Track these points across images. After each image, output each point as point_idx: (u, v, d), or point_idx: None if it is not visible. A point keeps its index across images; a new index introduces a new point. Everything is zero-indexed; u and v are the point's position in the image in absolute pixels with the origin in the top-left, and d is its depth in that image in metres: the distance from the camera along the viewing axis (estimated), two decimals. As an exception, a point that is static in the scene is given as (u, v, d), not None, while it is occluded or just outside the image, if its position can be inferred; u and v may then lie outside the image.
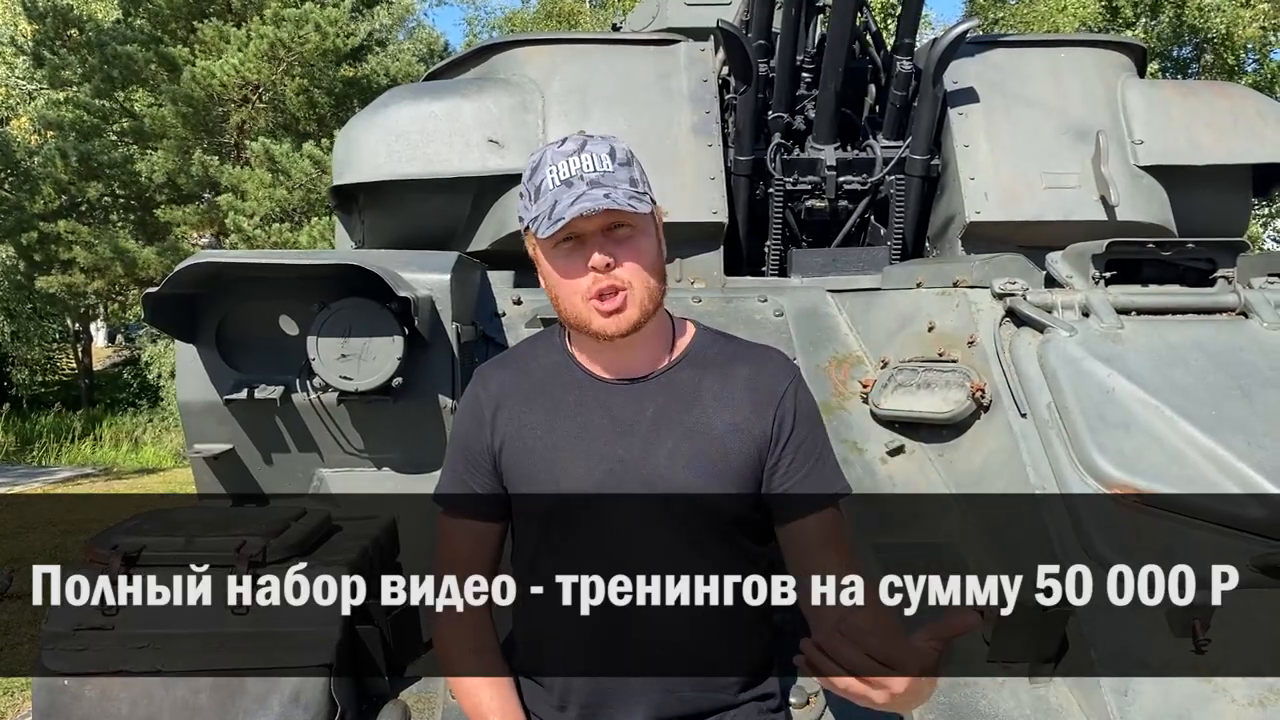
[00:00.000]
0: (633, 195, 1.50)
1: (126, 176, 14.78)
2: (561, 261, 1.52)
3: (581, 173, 1.49)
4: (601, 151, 1.51)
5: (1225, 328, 2.57)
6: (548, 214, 1.48)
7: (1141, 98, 3.49)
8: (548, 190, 1.50)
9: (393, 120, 3.37)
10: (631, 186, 1.51)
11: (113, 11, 16.61)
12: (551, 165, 1.51)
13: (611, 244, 1.50)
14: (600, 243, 1.49)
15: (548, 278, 1.57)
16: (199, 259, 2.27)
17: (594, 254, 1.49)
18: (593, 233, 1.49)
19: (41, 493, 12.05)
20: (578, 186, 1.47)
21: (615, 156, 1.52)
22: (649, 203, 1.53)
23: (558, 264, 1.53)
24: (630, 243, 1.51)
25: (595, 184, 1.48)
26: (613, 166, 1.51)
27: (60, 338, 24.31)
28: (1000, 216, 3.30)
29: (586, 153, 1.51)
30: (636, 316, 1.52)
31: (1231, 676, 1.98)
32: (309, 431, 2.43)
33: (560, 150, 1.52)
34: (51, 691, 1.74)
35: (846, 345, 2.89)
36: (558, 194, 1.48)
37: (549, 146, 1.55)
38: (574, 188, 1.48)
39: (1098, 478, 2.26)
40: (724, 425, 1.58)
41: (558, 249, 1.52)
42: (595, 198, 1.46)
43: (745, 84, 3.29)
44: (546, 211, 1.49)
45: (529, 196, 1.55)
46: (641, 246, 1.53)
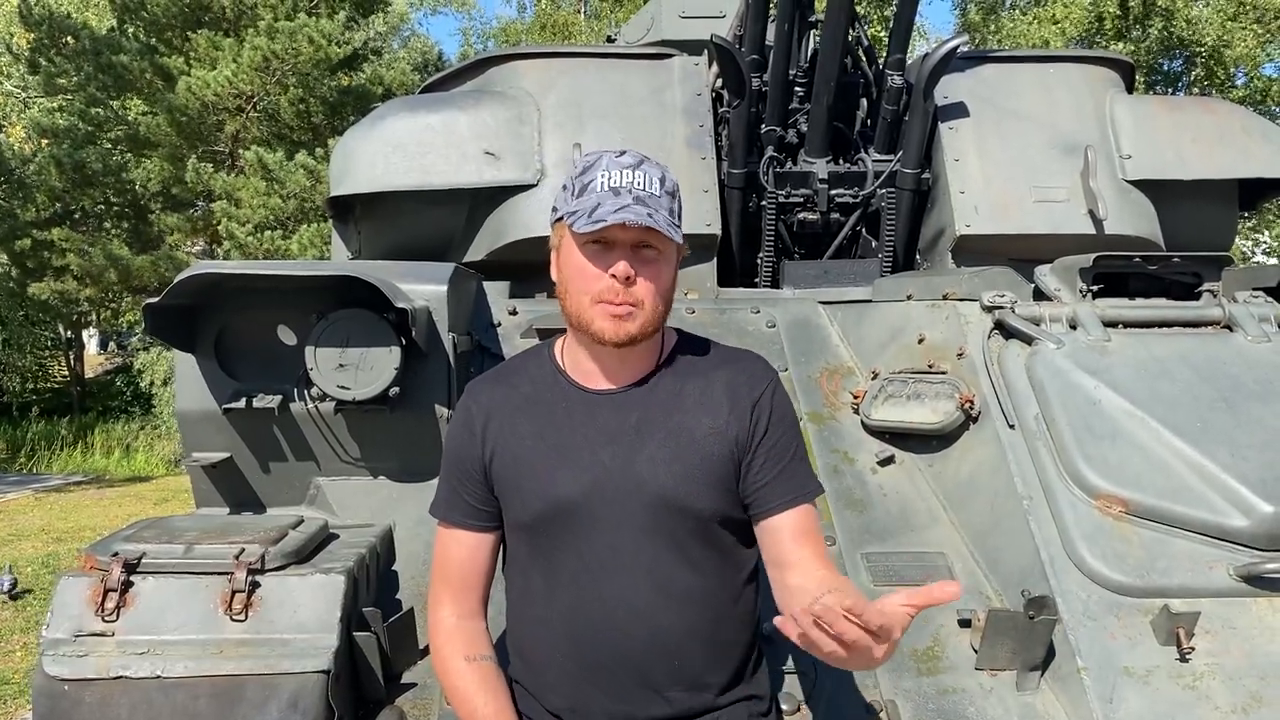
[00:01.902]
0: (671, 223, 1.58)
1: (120, 184, 14.78)
2: (585, 259, 1.58)
3: (631, 187, 1.56)
4: (654, 175, 1.60)
5: (1210, 341, 2.61)
6: (589, 212, 1.54)
7: (1129, 113, 3.53)
8: (594, 191, 1.56)
9: (390, 132, 3.39)
10: (670, 215, 1.59)
11: (108, 20, 16.59)
12: (605, 171, 1.58)
13: (637, 261, 1.57)
14: (628, 255, 1.56)
15: (564, 269, 1.62)
16: (199, 269, 2.29)
17: (620, 263, 1.55)
18: (624, 244, 1.56)
19: (34, 499, 12.02)
20: (624, 198, 1.54)
21: (664, 184, 1.60)
22: (680, 235, 1.60)
23: (580, 260, 1.58)
24: (653, 265, 1.58)
25: (640, 200, 1.55)
26: (660, 192, 1.59)
27: (52, 345, 24.23)
28: (990, 230, 3.33)
29: (641, 170, 1.58)
30: (635, 332, 1.58)
31: (1215, 683, 2.02)
32: (306, 440, 2.45)
33: (617, 160, 1.59)
34: (51, 697, 1.76)
35: (838, 356, 2.93)
36: (603, 197, 1.55)
37: (606, 153, 1.62)
38: (620, 197, 1.54)
39: (1084, 488, 2.29)
40: (705, 429, 1.63)
41: (586, 247, 1.57)
42: (639, 212, 1.53)
43: (739, 98, 3.33)
44: (588, 210, 1.55)
45: (572, 190, 1.61)
46: (661, 271, 1.60)
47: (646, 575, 1.59)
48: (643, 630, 1.59)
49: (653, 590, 1.59)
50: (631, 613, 1.59)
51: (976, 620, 2.17)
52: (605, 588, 1.59)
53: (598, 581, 1.60)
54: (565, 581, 1.62)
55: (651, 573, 1.59)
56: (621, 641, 1.59)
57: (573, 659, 1.62)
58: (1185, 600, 2.12)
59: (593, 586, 1.60)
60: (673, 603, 1.60)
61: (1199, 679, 2.02)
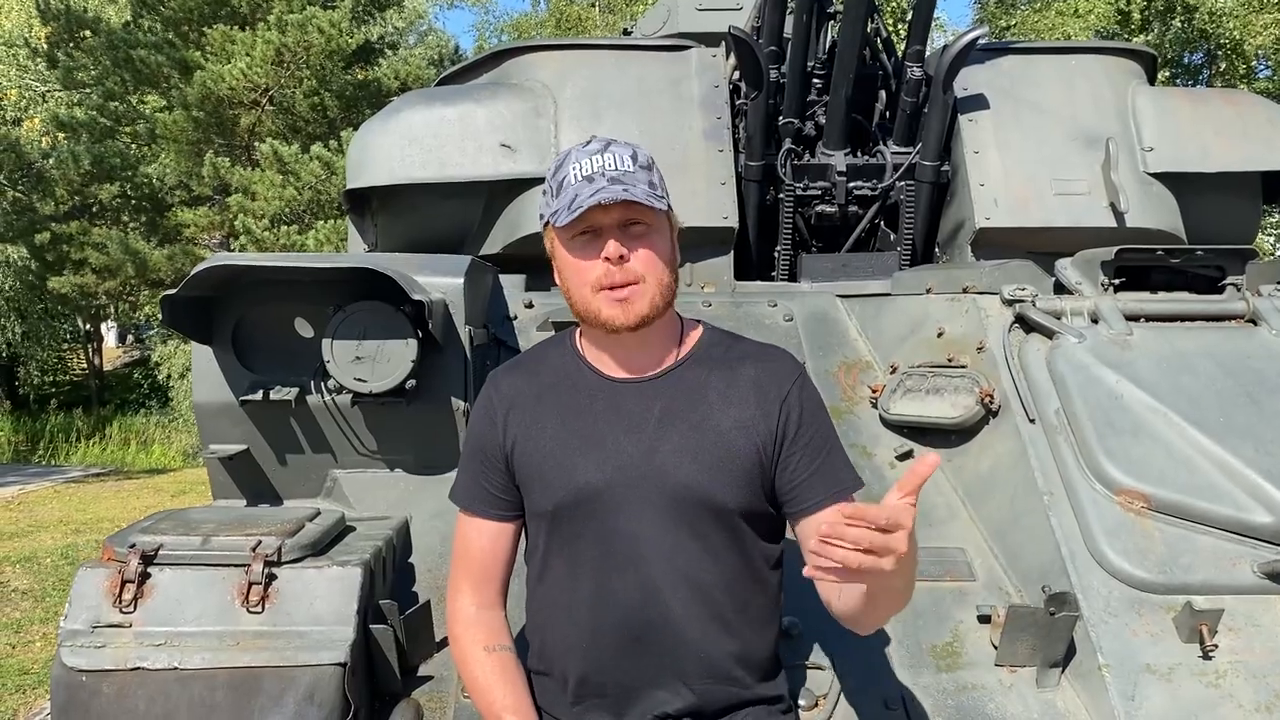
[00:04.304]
0: (651, 194, 1.56)
1: (138, 178, 14.86)
2: (576, 252, 1.58)
3: (604, 170, 1.56)
4: (624, 154, 1.58)
5: (1234, 335, 2.58)
6: (567, 205, 1.54)
7: (1152, 105, 3.49)
8: (569, 185, 1.56)
9: (406, 125, 3.39)
10: (650, 188, 1.57)
11: (124, 14, 16.67)
12: (575, 163, 1.58)
13: (627, 239, 1.56)
14: (616, 236, 1.55)
15: (562, 269, 1.62)
16: (216, 262, 2.29)
17: (609, 243, 1.54)
18: (610, 226, 1.55)
19: (54, 491, 12.11)
20: (598, 182, 1.54)
21: (637, 159, 1.59)
22: (666, 204, 1.59)
23: (572, 254, 1.58)
24: (645, 239, 1.57)
25: (615, 180, 1.54)
26: (633, 168, 1.57)
27: (71, 338, 24.42)
28: (1010, 223, 3.31)
29: (610, 153, 1.58)
30: (646, 310, 1.57)
31: (1239, 681, 1.99)
32: (323, 433, 2.45)
33: (585, 150, 1.59)
34: (70, 688, 1.76)
35: (856, 350, 2.91)
36: (578, 188, 1.55)
37: (574, 147, 1.62)
38: (595, 183, 1.54)
39: (1106, 483, 2.27)
40: (730, 422, 1.62)
41: (574, 240, 1.57)
42: (614, 191, 1.52)
43: (756, 90, 3.31)
44: (566, 204, 1.55)
45: (551, 193, 1.61)
46: (655, 243, 1.59)
47: (668, 564, 1.58)
48: (665, 618, 1.58)
49: (675, 579, 1.58)
50: (653, 602, 1.58)
51: (996, 616, 2.15)
52: (628, 576, 1.59)
53: (620, 570, 1.59)
54: (587, 570, 1.61)
55: (673, 561, 1.58)
56: (644, 630, 1.59)
57: (595, 647, 1.61)
58: (1208, 597, 2.09)
59: (615, 575, 1.59)
60: (695, 592, 1.59)
61: (1222, 677, 2.00)
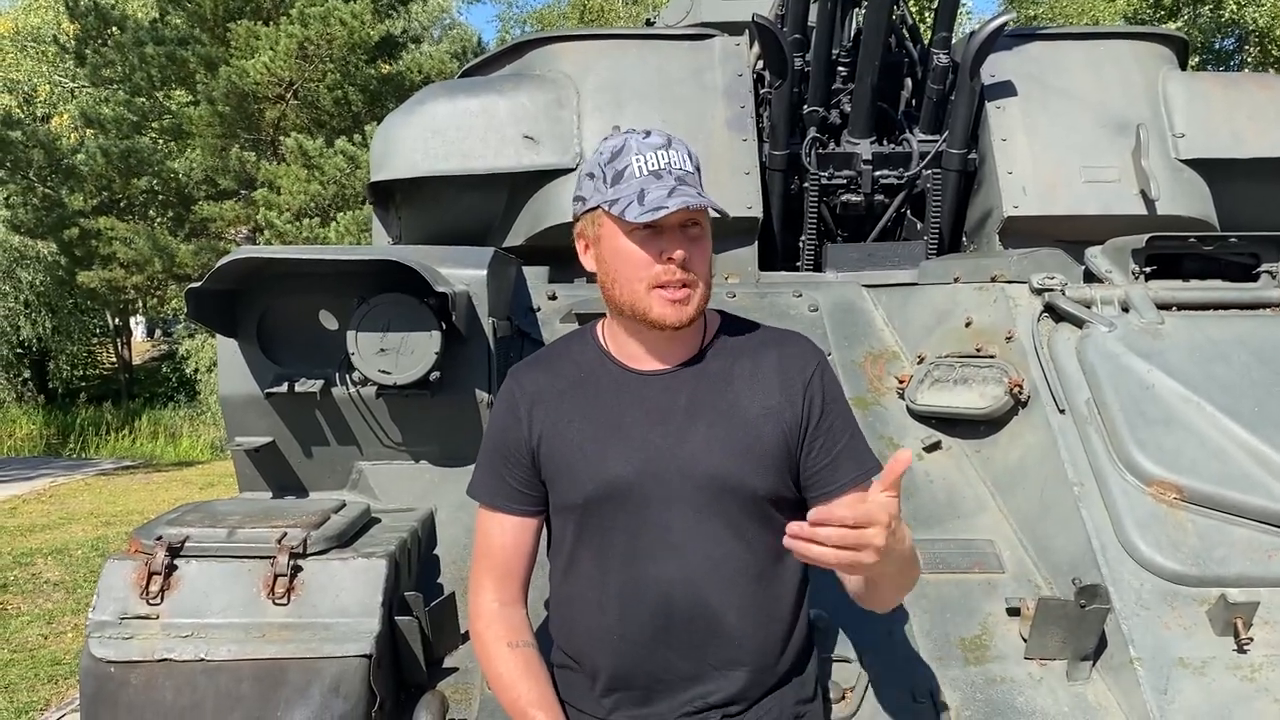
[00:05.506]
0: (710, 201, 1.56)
1: (166, 173, 14.99)
2: (635, 247, 1.56)
3: (669, 168, 1.55)
4: (685, 152, 1.59)
5: (1268, 323, 2.54)
6: (637, 198, 1.52)
7: (1183, 90, 3.43)
8: (634, 177, 1.55)
9: (429, 117, 3.39)
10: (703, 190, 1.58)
11: (151, 11, 16.81)
12: (638, 154, 1.56)
13: (686, 240, 1.56)
14: (679, 238, 1.55)
15: (611, 259, 1.60)
16: (241, 254, 2.30)
17: (676, 249, 1.54)
18: (673, 226, 1.55)
19: (84, 484, 12.25)
20: (667, 180, 1.53)
21: (693, 159, 1.61)
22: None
23: (630, 247, 1.56)
24: (700, 242, 1.58)
25: (683, 181, 1.54)
26: (692, 168, 1.59)
27: (100, 332, 24.69)
28: (1038, 211, 3.27)
29: (674, 150, 1.58)
30: (695, 312, 1.58)
31: (1274, 675, 1.96)
32: (348, 425, 2.46)
33: (647, 142, 1.58)
34: (98, 678, 1.78)
35: (882, 340, 2.88)
36: (645, 183, 1.53)
37: (631, 134, 1.60)
38: (663, 180, 1.53)
39: (1137, 474, 2.24)
40: (757, 409, 1.62)
41: (635, 233, 1.56)
42: (691, 195, 1.52)
43: (780, 78, 3.28)
44: (635, 196, 1.53)
45: (603, 179, 1.58)
46: (707, 247, 1.60)
47: (699, 554, 1.57)
48: (697, 609, 1.57)
49: (707, 569, 1.57)
50: (685, 591, 1.57)
51: (1026, 609, 2.12)
52: (658, 567, 1.58)
53: (651, 561, 1.58)
54: (617, 563, 1.60)
55: (704, 551, 1.57)
56: (678, 620, 1.58)
57: (626, 640, 1.60)
58: (1243, 589, 2.06)
59: (646, 566, 1.58)
60: (727, 581, 1.58)
61: (1257, 671, 1.97)
